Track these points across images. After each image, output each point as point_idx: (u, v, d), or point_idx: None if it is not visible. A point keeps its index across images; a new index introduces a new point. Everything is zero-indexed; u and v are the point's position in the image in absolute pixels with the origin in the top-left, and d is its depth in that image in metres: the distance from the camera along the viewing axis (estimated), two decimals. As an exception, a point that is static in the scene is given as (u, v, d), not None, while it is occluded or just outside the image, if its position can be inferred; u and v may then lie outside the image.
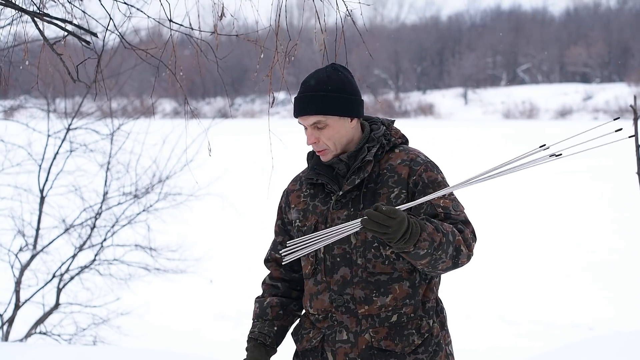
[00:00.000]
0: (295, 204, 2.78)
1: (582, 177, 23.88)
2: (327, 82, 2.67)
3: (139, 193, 9.89)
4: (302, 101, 2.67)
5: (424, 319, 2.65)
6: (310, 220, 2.72)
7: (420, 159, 2.68)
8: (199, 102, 50.69)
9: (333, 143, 2.67)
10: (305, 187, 2.78)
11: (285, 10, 3.71)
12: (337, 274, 2.65)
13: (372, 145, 2.69)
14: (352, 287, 2.63)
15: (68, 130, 9.64)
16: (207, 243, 13.39)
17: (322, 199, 2.72)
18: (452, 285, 12.36)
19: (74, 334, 9.21)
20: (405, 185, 2.63)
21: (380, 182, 2.65)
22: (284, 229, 2.85)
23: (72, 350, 6.52)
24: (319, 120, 2.65)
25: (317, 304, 2.70)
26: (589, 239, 15.50)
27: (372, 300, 2.61)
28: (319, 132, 2.66)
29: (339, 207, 2.66)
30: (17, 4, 3.65)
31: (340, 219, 2.65)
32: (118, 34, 3.87)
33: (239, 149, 29.31)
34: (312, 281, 2.71)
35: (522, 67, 68.72)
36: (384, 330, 2.62)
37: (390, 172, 2.66)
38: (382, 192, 2.64)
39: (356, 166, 2.66)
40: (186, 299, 11.85)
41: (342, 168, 2.70)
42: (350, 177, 2.66)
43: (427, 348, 2.63)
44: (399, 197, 2.62)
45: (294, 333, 2.83)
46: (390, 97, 61.90)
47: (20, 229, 9.46)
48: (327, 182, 2.70)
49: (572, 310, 10.94)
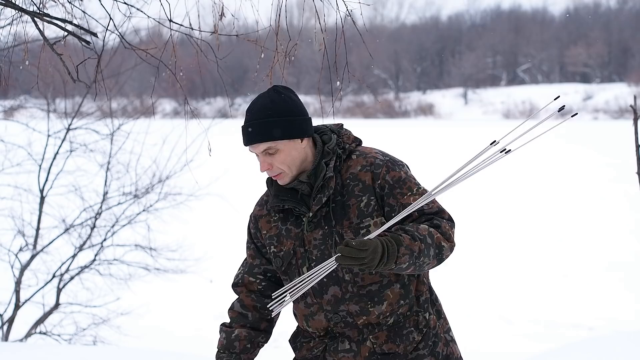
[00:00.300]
0: (267, 230, 2.73)
1: (584, 177, 23.88)
2: (272, 107, 2.60)
3: (139, 193, 9.89)
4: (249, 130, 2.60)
5: (420, 314, 2.65)
6: (286, 244, 2.67)
7: (379, 160, 2.63)
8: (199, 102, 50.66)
9: (287, 166, 2.61)
10: (274, 212, 2.73)
11: (285, 10, 3.71)
12: (327, 294, 2.63)
13: (328, 159, 2.63)
14: (346, 304, 2.62)
15: (68, 130, 9.64)
16: (207, 243, 13.40)
17: (294, 222, 2.67)
18: (452, 286, 12.37)
19: (74, 334, 9.21)
20: (372, 191, 2.60)
21: (347, 193, 2.61)
22: (260, 252, 2.79)
23: (72, 350, 6.52)
24: (269, 146, 2.59)
25: (315, 323, 2.69)
26: (589, 240, 15.50)
27: (369, 311, 2.61)
28: (271, 158, 2.60)
29: (312, 228, 2.63)
30: (17, 4, 3.65)
31: (317, 239, 2.62)
32: (118, 34, 3.87)
33: (239, 149, 29.25)
34: (303, 304, 2.69)
35: (522, 67, 68.73)
36: (383, 334, 2.62)
37: (353, 181, 2.62)
38: (351, 203, 2.60)
39: (319, 185, 2.61)
40: (186, 299, 11.85)
41: (305, 189, 2.64)
42: (317, 197, 2.61)
43: (427, 342, 2.64)
44: (369, 204, 2.59)
45: (291, 340, 2.81)
46: (390, 97, 61.93)
47: (20, 229, 9.46)
48: (294, 206, 2.65)
49: (572, 311, 10.95)
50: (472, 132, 38.14)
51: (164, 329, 10.53)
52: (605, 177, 23.50)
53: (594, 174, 24.40)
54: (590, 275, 12.79)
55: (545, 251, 14.60)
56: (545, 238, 15.70)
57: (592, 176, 23.98)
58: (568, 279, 12.60)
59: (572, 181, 23.27)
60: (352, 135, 2.72)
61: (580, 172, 24.73)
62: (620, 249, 14.50)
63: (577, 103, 57.18)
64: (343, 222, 2.60)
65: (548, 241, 15.41)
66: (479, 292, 11.98)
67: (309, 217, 2.63)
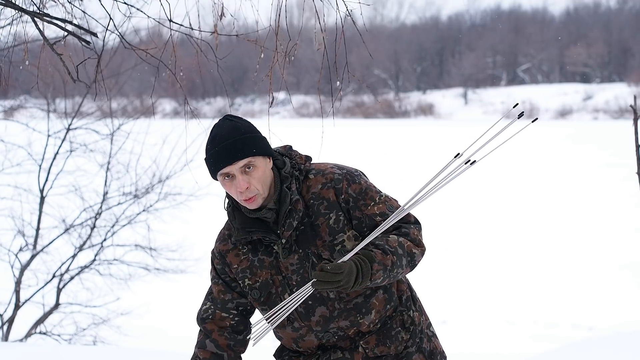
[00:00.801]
0: (237, 264, 2.68)
1: (583, 177, 23.88)
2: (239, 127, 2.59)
3: (139, 193, 9.89)
4: (226, 149, 2.56)
5: (404, 313, 2.67)
6: (262, 275, 2.64)
7: (337, 174, 2.62)
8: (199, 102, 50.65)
9: (261, 185, 2.57)
10: (240, 244, 2.68)
11: (285, 10, 3.71)
12: (314, 315, 2.62)
13: (289, 183, 2.62)
14: (336, 321, 2.62)
15: (68, 130, 9.64)
16: (207, 243, 13.38)
17: (265, 251, 2.64)
18: (453, 286, 12.37)
19: (74, 334, 9.22)
20: (337, 206, 2.59)
21: (313, 213, 2.60)
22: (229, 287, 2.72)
23: (72, 350, 6.52)
24: (249, 161, 2.55)
25: (305, 344, 2.68)
26: (590, 240, 15.50)
27: (359, 322, 2.62)
28: (249, 177, 2.55)
29: (287, 254, 2.60)
30: (17, 4, 3.65)
31: (294, 265, 2.60)
32: (118, 34, 3.87)
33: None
34: (290, 328, 2.67)
35: (522, 67, 68.73)
36: (373, 338, 2.63)
37: (317, 200, 2.60)
38: (320, 222, 2.58)
39: (286, 210, 2.58)
40: (186, 299, 11.84)
41: (270, 216, 2.60)
42: (286, 222, 2.58)
43: (414, 340, 2.66)
44: (339, 220, 2.58)
45: (277, 354, 2.80)
46: (390, 97, 61.89)
47: (20, 229, 9.47)
48: (263, 235, 2.61)
49: (572, 311, 10.94)
50: (472, 132, 38.14)
51: (164, 329, 10.53)
52: (605, 177, 23.50)
53: (594, 174, 24.40)
54: (590, 275, 12.79)
55: (545, 252, 14.60)
56: (546, 238, 15.70)
57: (591, 176, 23.98)
58: (568, 279, 12.60)
59: (572, 181, 23.27)
60: (302, 154, 2.69)
61: (579, 172, 24.72)
62: (620, 249, 14.50)
63: (577, 103, 57.18)
64: (316, 242, 2.58)
65: (548, 242, 15.41)
66: (480, 292, 11.98)
67: (282, 243, 2.60)
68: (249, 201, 2.58)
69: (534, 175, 24.44)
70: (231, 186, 2.58)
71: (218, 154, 2.57)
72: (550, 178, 23.77)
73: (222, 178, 2.59)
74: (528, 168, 25.67)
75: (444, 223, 16.50)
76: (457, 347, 9.12)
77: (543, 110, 56.34)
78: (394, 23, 78.37)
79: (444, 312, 10.82)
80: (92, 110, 10.36)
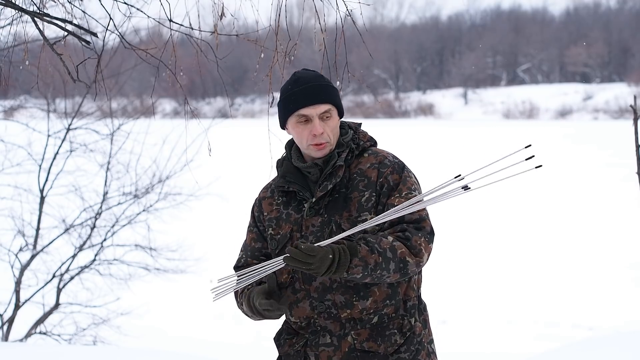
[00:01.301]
0: (268, 212, 2.76)
1: (583, 177, 23.88)
2: (323, 76, 2.72)
3: (139, 193, 9.89)
4: (312, 89, 2.66)
5: (405, 318, 2.65)
6: (285, 228, 2.70)
7: (388, 160, 2.68)
8: (199, 102, 50.64)
9: (333, 136, 2.68)
10: (277, 195, 2.76)
11: (285, 10, 3.71)
12: (315, 280, 2.64)
13: (341, 150, 2.69)
14: (332, 293, 2.63)
15: (68, 130, 9.64)
16: (207, 243, 13.39)
17: (295, 207, 2.70)
18: (454, 286, 12.37)
19: (74, 334, 9.21)
20: (373, 187, 2.64)
21: (351, 186, 2.66)
22: (262, 236, 2.80)
23: (72, 350, 6.52)
24: (329, 109, 2.67)
25: (298, 312, 2.69)
26: (590, 240, 15.50)
27: (353, 304, 2.62)
28: (325, 124, 2.66)
29: (312, 214, 2.66)
30: (17, 4, 3.65)
31: (315, 226, 2.65)
32: (118, 34, 3.87)
33: (239, 149, 29.30)
34: (290, 289, 2.69)
35: (522, 67, 68.73)
36: (365, 332, 2.62)
37: (360, 177, 2.67)
38: (353, 197, 2.64)
39: (327, 172, 2.66)
40: (186, 299, 11.85)
41: (315, 173, 2.69)
42: (323, 183, 2.66)
43: (409, 347, 2.64)
44: (370, 200, 2.62)
45: (275, 338, 2.81)
46: (390, 97, 61.86)
47: (20, 229, 9.46)
48: (299, 189, 2.69)
49: (572, 311, 10.95)
50: (472, 132, 38.16)
51: (164, 329, 10.54)
52: (605, 177, 23.50)
53: (594, 174, 24.40)
54: (590, 275, 12.79)
55: (545, 251, 14.60)
56: (545, 238, 15.70)
57: (591, 176, 23.98)
58: (568, 279, 12.60)
59: (572, 182, 23.27)
60: (369, 135, 2.79)
61: (579, 172, 24.72)
62: (620, 249, 14.50)
63: (577, 103, 57.18)
64: (343, 213, 2.63)
65: (548, 241, 15.41)
66: (480, 292, 11.98)
67: (312, 202, 2.66)
68: (319, 146, 2.67)
69: (534, 175, 24.44)
70: (304, 129, 2.67)
71: (302, 92, 2.66)
72: (550, 178, 23.76)
73: (296, 119, 2.68)
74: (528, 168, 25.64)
75: (444, 223, 16.50)
76: (457, 347, 9.12)
77: (543, 110, 56.34)
78: (394, 23, 78.37)
79: (444, 312, 10.82)
80: (92, 110, 10.35)
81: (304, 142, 2.68)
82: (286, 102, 2.70)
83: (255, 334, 9.80)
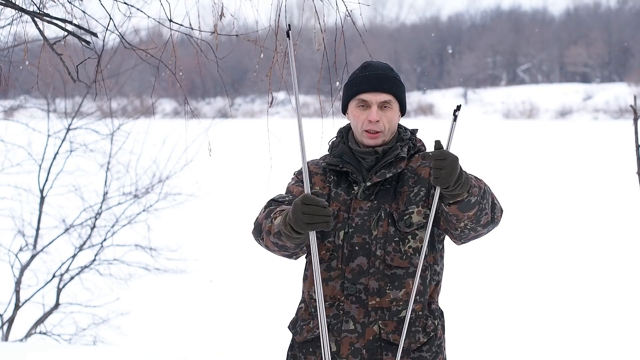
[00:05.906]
0: (320, 187, 2.76)
1: (583, 177, 23.89)
2: (392, 69, 2.77)
3: (139, 193, 9.89)
4: (377, 77, 2.71)
5: (429, 319, 2.69)
6: (332, 206, 2.71)
7: None
8: (199, 102, 50.66)
9: (389, 128, 2.72)
10: (329, 173, 2.78)
11: (285, 10, 3.71)
12: (353, 262, 2.64)
13: (403, 144, 2.76)
14: (367, 277, 2.63)
15: (68, 130, 9.64)
16: (207, 243, 13.40)
17: (345, 188, 2.73)
18: (454, 286, 12.35)
19: (74, 334, 9.21)
20: (425, 182, 2.69)
21: (401, 181, 2.71)
22: None
23: (72, 350, 6.53)
24: (389, 100, 2.71)
25: (326, 290, 2.66)
26: (590, 240, 15.50)
27: (385, 292, 2.63)
28: (382, 113, 2.70)
29: (363, 198, 2.69)
30: (17, 4, 3.65)
31: (363, 210, 2.67)
32: (118, 34, 3.87)
33: (239, 149, 29.30)
34: (325, 267, 2.67)
35: (522, 67, 68.73)
36: (392, 323, 2.63)
37: (410, 173, 2.72)
38: (403, 191, 2.69)
39: (388, 161, 2.71)
40: (186, 299, 11.85)
41: (370, 160, 2.73)
42: (380, 171, 2.70)
43: (431, 347, 2.67)
44: (419, 194, 2.68)
45: (291, 327, 2.79)
46: (390, 97, 61.87)
47: (20, 229, 9.46)
48: (353, 171, 2.72)
49: (571, 311, 10.95)
50: (472, 132, 38.14)
51: (164, 329, 10.53)
52: (605, 177, 23.49)
53: (594, 174, 24.39)
54: (589, 275, 12.79)
55: (545, 251, 14.60)
56: (544, 238, 15.70)
57: (591, 176, 23.98)
58: (567, 278, 12.60)
59: (572, 181, 23.27)
60: (422, 141, 2.86)
61: (579, 172, 24.72)
62: (620, 249, 14.50)
63: (577, 103, 57.20)
64: (392, 204, 2.68)
65: (547, 241, 15.41)
66: (480, 292, 11.98)
67: (365, 186, 2.69)
68: (373, 134, 2.72)
69: (534, 175, 24.44)
70: (361, 114, 2.71)
71: (368, 77, 2.71)
72: (550, 178, 23.76)
73: (356, 103, 2.72)
74: (528, 168, 25.67)
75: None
76: (457, 346, 9.12)
77: (543, 110, 56.34)
78: (394, 23, 78.39)
79: (444, 311, 10.80)
80: (92, 110, 10.35)
81: (359, 127, 2.72)
82: (349, 85, 2.75)
83: (256, 334, 9.81)
